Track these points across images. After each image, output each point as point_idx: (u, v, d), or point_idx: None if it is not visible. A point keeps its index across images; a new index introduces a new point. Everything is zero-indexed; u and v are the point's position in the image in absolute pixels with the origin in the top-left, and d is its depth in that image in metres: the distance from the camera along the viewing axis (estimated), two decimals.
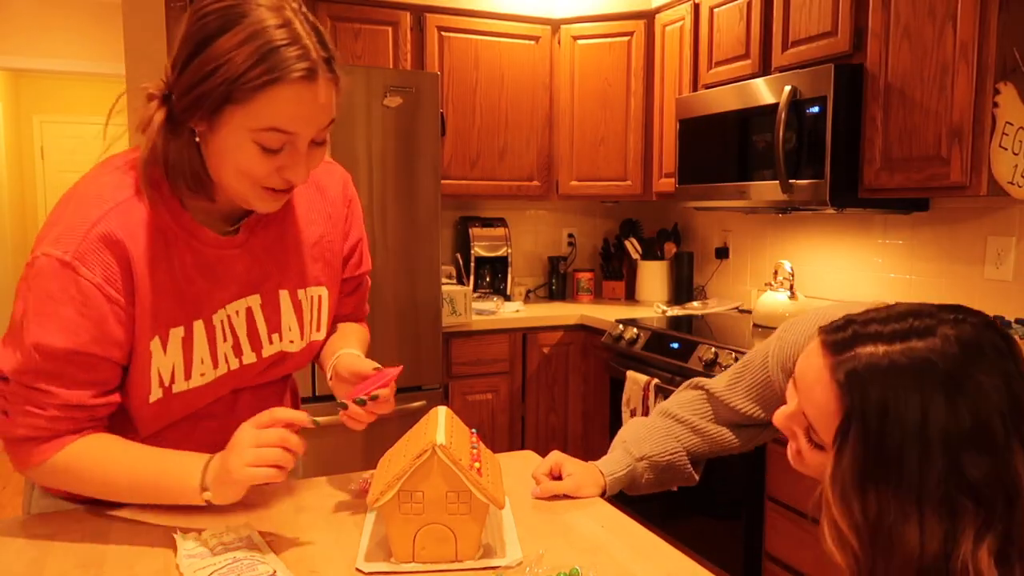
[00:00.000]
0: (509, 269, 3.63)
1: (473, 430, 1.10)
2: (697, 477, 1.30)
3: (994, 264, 2.31)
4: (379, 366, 1.16)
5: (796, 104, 2.40)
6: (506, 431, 3.26)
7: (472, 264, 3.56)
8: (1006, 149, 2.02)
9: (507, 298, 3.59)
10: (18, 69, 4.44)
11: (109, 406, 1.07)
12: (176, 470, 1.05)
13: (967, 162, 2.02)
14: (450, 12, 3.31)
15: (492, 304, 3.40)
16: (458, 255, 3.63)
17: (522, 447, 3.28)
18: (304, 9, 0.98)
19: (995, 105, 1.98)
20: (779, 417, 0.89)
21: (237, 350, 1.14)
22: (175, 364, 1.07)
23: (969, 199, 2.35)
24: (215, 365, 1.12)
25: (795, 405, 0.86)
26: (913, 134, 2.16)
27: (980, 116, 2.00)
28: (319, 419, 1.05)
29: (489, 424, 3.22)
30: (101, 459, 1.06)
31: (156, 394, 1.08)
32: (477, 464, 0.98)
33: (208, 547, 0.98)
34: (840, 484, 0.75)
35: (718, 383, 1.31)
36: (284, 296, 1.17)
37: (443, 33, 3.29)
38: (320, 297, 1.23)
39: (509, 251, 3.62)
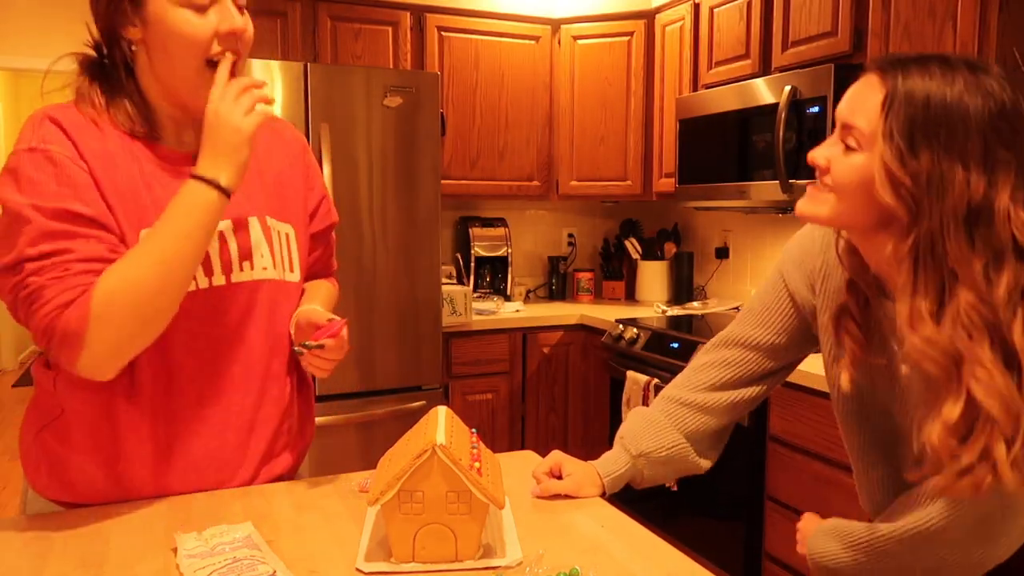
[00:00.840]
0: (509, 269, 3.63)
1: (473, 430, 1.10)
2: (706, 464, 1.27)
3: None
4: (333, 317, 1.19)
5: (796, 104, 2.40)
6: (506, 431, 3.26)
7: (472, 264, 3.56)
8: None
9: (507, 298, 3.60)
10: (18, 69, 4.44)
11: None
12: (188, 199, 1.04)
13: None
14: (450, 12, 3.31)
15: (492, 304, 3.40)
16: (458, 255, 3.63)
17: (522, 447, 3.28)
18: None
19: None
20: (817, 151, 0.98)
21: (207, 268, 1.12)
22: None
23: None
24: None
25: (836, 132, 0.97)
26: None
27: None
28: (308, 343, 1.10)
29: (489, 424, 3.22)
30: (132, 262, 1.03)
31: None
32: (477, 464, 0.98)
33: (208, 546, 0.98)
34: (894, 143, 0.89)
35: (729, 327, 1.26)
36: (254, 222, 1.18)
37: (443, 33, 3.29)
38: (288, 235, 1.24)
39: (509, 251, 3.62)
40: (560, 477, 1.22)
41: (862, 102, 0.93)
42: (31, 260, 0.99)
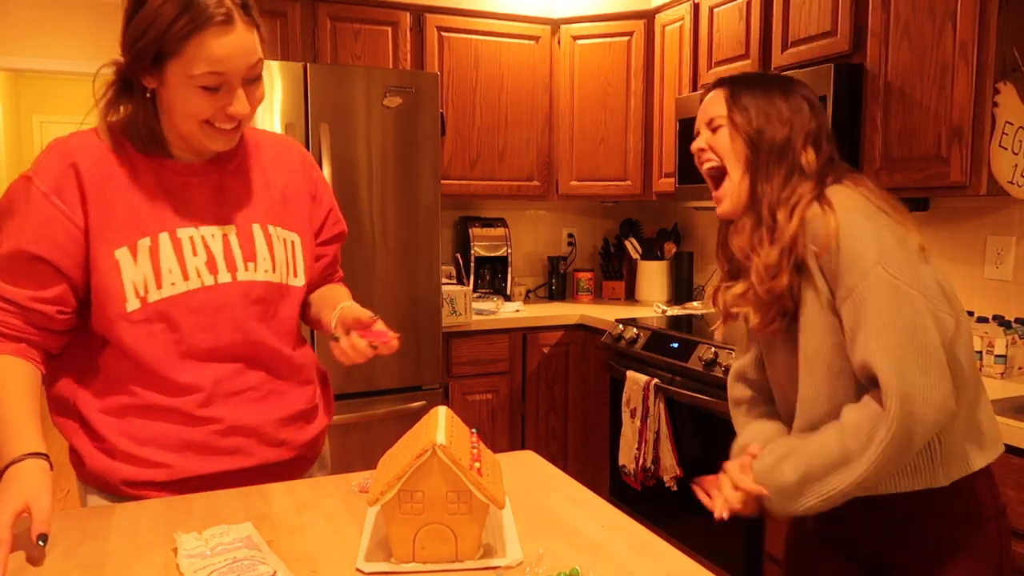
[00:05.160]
0: (509, 269, 3.63)
1: (473, 430, 1.10)
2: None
3: (994, 264, 2.31)
4: (375, 317, 1.24)
5: None
6: (506, 431, 3.26)
7: (472, 264, 3.56)
8: (1006, 149, 2.02)
9: (507, 298, 3.60)
10: (18, 69, 4.43)
11: (46, 317, 1.15)
12: (7, 434, 1.09)
13: (967, 162, 2.02)
14: (450, 12, 3.31)
15: (492, 304, 3.40)
16: (458, 255, 3.63)
17: (522, 447, 3.28)
18: None
19: (995, 105, 1.98)
20: (696, 144, 1.35)
21: (212, 267, 1.22)
22: (146, 275, 1.17)
23: (969, 199, 2.35)
24: (185, 277, 1.19)
25: (702, 130, 1.34)
26: (913, 134, 2.16)
27: (980, 116, 2.00)
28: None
29: (489, 424, 3.22)
30: None
31: (133, 303, 1.16)
32: (477, 464, 0.98)
33: (208, 546, 0.98)
34: (741, 120, 1.28)
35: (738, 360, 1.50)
36: (257, 229, 1.27)
37: (443, 33, 3.29)
38: (293, 243, 1.32)
39: (509, 251, 3.62)
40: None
41: (713, 103, 1.33)
42: None
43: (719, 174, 1.31)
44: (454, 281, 3.43)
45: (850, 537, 1.29)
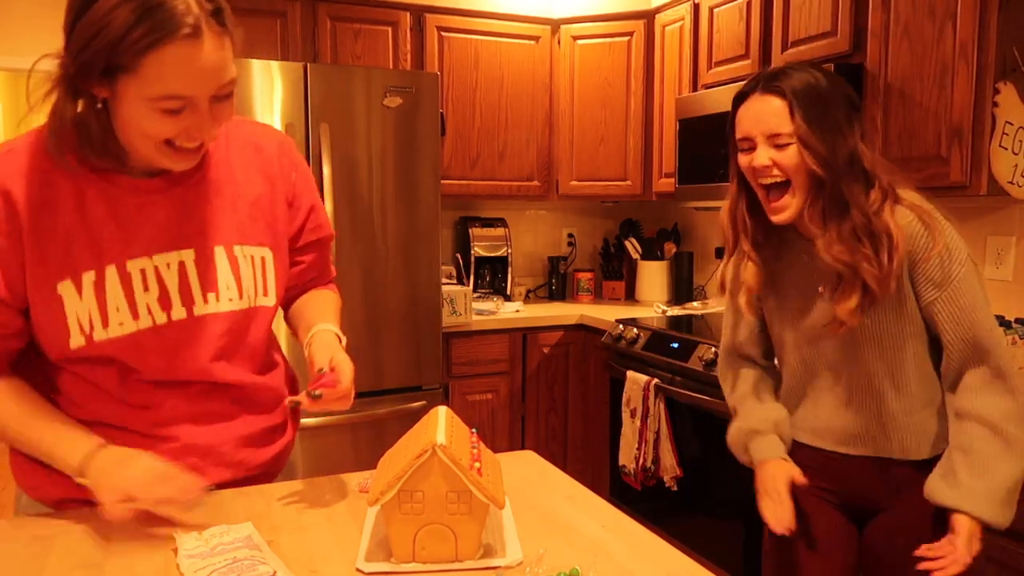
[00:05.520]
0: (509, 269, 3.63)
1: (473, 430, 1.10)
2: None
3: (994, 264, 2.31)
4: (337, 360, 1.13)
5: None
6: (506, 431, 3.26)
7: (472, 264, 3.56)
8: (1006, 149, 2.02)
9: (507, 298, 3.59)
10: (18, 69, 4.43)
11: (11, 351, 1.08)
12: (60, 447, 1.06)
13: (967, 162, 2.02)
14: (450, 12, 3.31)
15: (492, 304, 3.40)
16: (458, 255, 3.63)
17: (522, 447, 3.28)
18: None
19: (995, 105, 1.98)
20: (759, 160, 1.32)
21: (164, 303, 1.10)
22: (91, 310, 1.06)
23: (969, 199, 2.35)
24: (135, 316, 1.08)
25: (761, 143, 1.32)
26: (913, 134, 2.16)
27: (980, 116, 1.99)
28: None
29: (489, 424, 3.22)
30: None
31: (77, 340, 1.06)
32: (477, 464, 0.98)
33: (208, 546, 0.98)
34: (812, 141, 1.28)
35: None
36: (220, 252, 1.13)
37: (443, 33, 3.29)
38: (263, 259, 1.19)
39: (509, 251, 3.62)
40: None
41: (769, 112, 1.32)
42: None
43: (780, 185, 1.33)
44: (454, 281, 3.43)
45: (850, 491, 1.44)
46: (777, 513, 1.36)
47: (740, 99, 1.36)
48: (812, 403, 1.46)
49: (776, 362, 1.57)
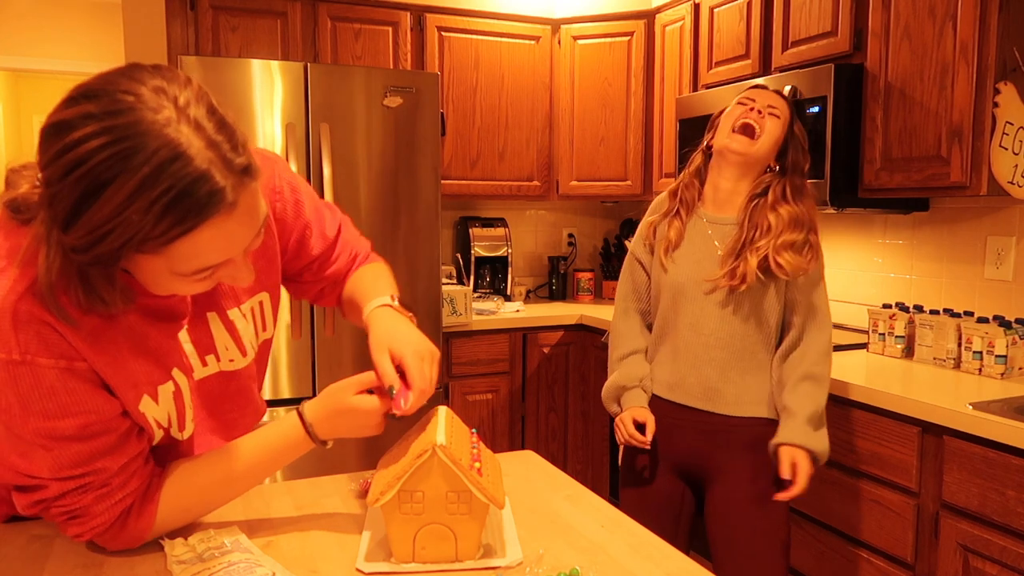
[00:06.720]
0: (509, 269, 3.63)
1: (473, 430, 1.10)
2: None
3: (994, 264, 2.31)
4: (395, 387, 1.08)
5: (796, 104, 2.40)
6: (506, 431, 3.26)
7: (472, 264, 3.56)
8: (1006, 149, 2.02)
9: (507, 298, 3.60)
10: (18, 69, 4.44)
11: (150, 439, 1.01)
12: (280, 438, 1.06)
13: (967, 162, 2.02)
14: (450, 12, 3.31)
15: (492, 304, 3.40)
16: (458, 255, 3.63)
17: (522, 447, 3.28)
18: (202, 92, 0.81)
19: (995, 105, 1.98)
20: (755, 111, 1.73)
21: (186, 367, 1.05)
22: (170, 413, 1.01)
23: (969, 199, 2.35)
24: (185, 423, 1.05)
25: (763, 104, 1.74)
26: (913, 134, 2.16)
27: (980, 116, 2.00)
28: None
29: (489, 424, 3.22)
30: (204, 476, 1.03)
31: (158, 436, 1.02)
32: (477, 464, 0.98)
33: (196, 552, 0.97)
34: (792, 134, 1.77)
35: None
36: (213, 319, 1.06)
37: (443, 33, 3.30)
38: (261, 303, 1.14)
39: (509, 251, 3.62)
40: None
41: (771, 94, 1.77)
42: (59, 482, 0.92)
43: (751, 133, 1.71)
44: (454, 281, 3.43)
45: (688, 452, 1.79)
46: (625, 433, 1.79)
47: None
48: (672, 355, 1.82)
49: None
